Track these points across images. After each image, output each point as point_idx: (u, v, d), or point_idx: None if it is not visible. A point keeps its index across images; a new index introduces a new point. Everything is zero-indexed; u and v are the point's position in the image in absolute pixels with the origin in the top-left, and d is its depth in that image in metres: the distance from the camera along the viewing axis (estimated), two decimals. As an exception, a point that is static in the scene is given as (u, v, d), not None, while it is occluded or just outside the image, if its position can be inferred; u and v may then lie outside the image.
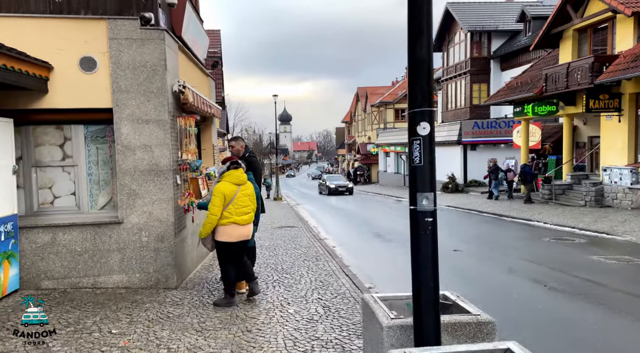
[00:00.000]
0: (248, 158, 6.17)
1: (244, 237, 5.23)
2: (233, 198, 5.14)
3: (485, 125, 25.84)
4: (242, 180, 5.27)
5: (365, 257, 8.96)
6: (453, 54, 32.68)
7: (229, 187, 5.17)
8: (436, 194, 2.37)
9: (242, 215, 5.18)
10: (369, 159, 48.38)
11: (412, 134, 2.45)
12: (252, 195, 5.36)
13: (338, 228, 13.84)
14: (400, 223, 14.45)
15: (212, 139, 9.17)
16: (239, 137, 6.58)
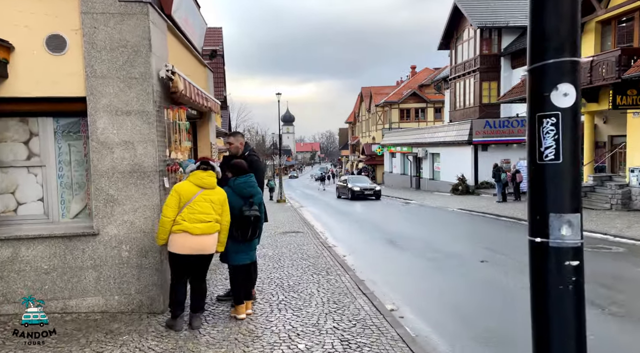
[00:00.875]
0: (248, 157, 5.23)
1: (197, 250, 4.29)
2: (190, 201, 4.27)
3: (497, 125, 24.83)
4: (206, 183, 4.39)
5: (380, 268, 7.99)
6: (462, 51, 31.71)
7: (188, 187, 4.34)
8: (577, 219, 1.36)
9: (197, 222, 4.26)
10: (373, 160, 47.41)
11: (538, 105, 1.43)
12: (220, 203, 4.45)
13: (346, 233, 12.88)
14: (411, 228, 13.49)
15: (209, 137, 8.22)
16: (239, 133, 5.64)
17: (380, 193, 25.94)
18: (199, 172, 4.39)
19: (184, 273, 4.42)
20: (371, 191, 25.52)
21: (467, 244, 10.15)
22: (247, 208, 4.64)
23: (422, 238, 11.05)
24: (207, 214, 4.30)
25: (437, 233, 12.06)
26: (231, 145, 5.29)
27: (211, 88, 8.83)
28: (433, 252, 9.17)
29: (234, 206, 4.66)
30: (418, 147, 31.96)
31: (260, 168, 5.31)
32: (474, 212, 16.91)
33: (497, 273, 7.34)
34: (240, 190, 4.70)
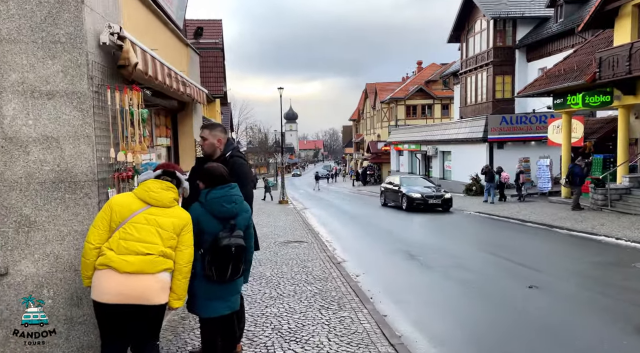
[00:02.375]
0: (229, 160, 3.72)
1: (128, 297, 2.75)
2: (127, 219, 2.78)
3: (515, 121, 23.20)
4: (155, 198, 2.89)
5: (404, 296, 6.44)
6: (473, 44, 30.10)
7: (127, 201, 2.87)
8: None
9: (128, 253, 2.74)
10: (379, 158, 45.83)
11: None
12: (173, 229, 2.91)
13: (356, 242, 11.34)
14: (430, 236, 11.94)
15: (193, 133, 6.71)
16: (217, 125, 4.06)
17: (451, 201, 17.63)
18: (151, 182, 2.89)
19: (114, 335, 2.85)
20: (438, 199, 17.27)
21: (501, 260, 8.59)
22: (225, 234, 3.12)
23: (446, 251, 9.51)
24: (148, 243, 2.77)
25: (462, 244, 10.51)
26: (205, 142, 3.78)
27: (195, 71, 7.29)
28: (463, 271, 7.62)
29: (207, 231, 3.15)
30: (427, 144, 30.36)
31: (245, 173, 3.77)
32: (494, 215, 15.34)
33: (560, 308, 5.77)
34: (216, 209, 3.18)
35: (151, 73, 3.95)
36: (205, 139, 3.77)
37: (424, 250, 9.69)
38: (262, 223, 14.57)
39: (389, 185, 20.22)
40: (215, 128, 3.85)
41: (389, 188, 20.06)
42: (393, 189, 19.37)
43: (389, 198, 19.89)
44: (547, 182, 20.20)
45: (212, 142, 3.75)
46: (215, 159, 3.68)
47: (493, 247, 9.91)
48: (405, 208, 17.74)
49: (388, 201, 20.04)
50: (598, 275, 7.31)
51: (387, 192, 20.27)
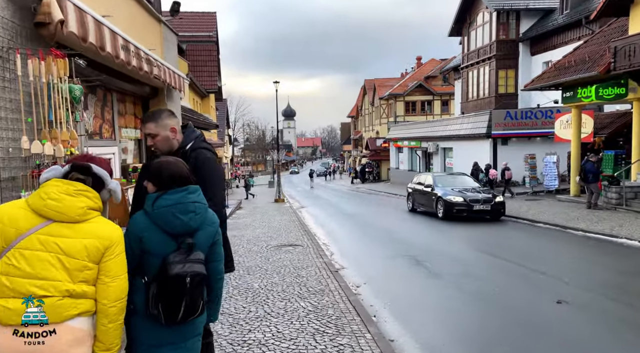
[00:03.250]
0: (191, 153, 2.81)
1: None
2: (12, 244, 1.84)
3: (520, 116, 22.32)
4: (59, 210, 1.93)
5: (413, 315, 5.55)
6: (475, 37, 29.21)
7: (16, 214, 1.91)
8: None
9: (13, 295, 1.82)
10: (378, 155, 44.94)
11: None
12: (88, 256, 1.96)
13: (355, 246, 10.46)
14: (435, 238, 11.04)
15: (167, 123, 5.80)
16: (161, 111, 2.92)
17: (504, 207, 13.46)
18: (51, 183, 1.98)
19: None
20: (486, 205, 13.19)
21: (517, 268, 7.71)
22: (178, 258, 2.21)
23: (455, 256, 8.62)
24: (44, 280, 1.84)
25: (471, 248, 9.63)
26: (155, 139, 2.77)
27: (171, 51, 6.36)
28: (476, 281, 6.74)
29: (153, 252, 2.24)
30: (428, 141, 29.48)
31: (216, 173, 2.85)
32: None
33: (602, 331, 4.91)
34: (167, 221, 2.26)
35: (93, 40, 3.04)
36: (153, 135, 2.78)
37: (427, 253, 8.82)
38: (255, 224, 13.68)
39: (419, 185, 16.05)
40: (160, 116, 2.82)
41: (418, 189, 16.01)
42: (424, 191, 15.33)
43: (419, 202, 15.87)
44: (554, 179, 19.37)
45: (165, 136, 2.78)
46: (173, 153, 2.77)
47: (504, 251, 9.03)
48: (441, 216, 13.67)
49: (417, 205, 16.05)
50: (627, 287, 6.43)
51: (415, 194, 16.20)
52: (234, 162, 63.76)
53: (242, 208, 19.80)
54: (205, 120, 16.83)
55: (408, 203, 16.99)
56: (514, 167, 21.94)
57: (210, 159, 2.82)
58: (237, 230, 12.27)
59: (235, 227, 12.96)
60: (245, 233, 11.66)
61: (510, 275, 7.14)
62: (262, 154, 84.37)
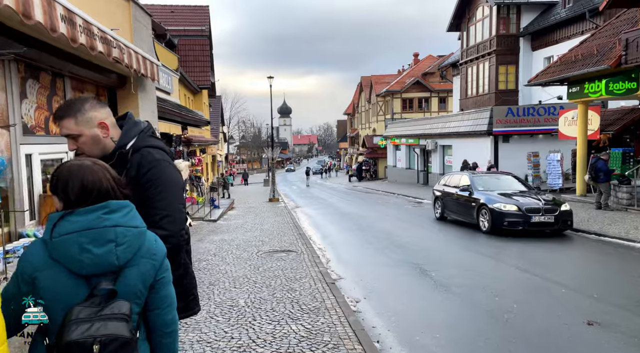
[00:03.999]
0: (132, 156, 2.02)
1: None
2: None
3: (522, 112, 21.65)
4: None
5: (422, 335, 4.83)
6: (475, 32, 28.54)
7: None
8: None
9: None
10: (375, 153, 44.25)
11: None
12: None
13: (354, 251, 9.72)
14: (436, 241, 10.31)
15: (137, 116, 5.03)
16: (87, 101, 1.99)
17: (571, 218, 10.43)
18: None
19: None
20: (549, 215, 10.12)
21: (533, 278, 7.00)
22: (83, 314, 1.43)
23: (464, 265, 7.90)
24: None
25: (479, 255, 8.91)
26: (78, 141, 1.94)
27: (145, 38, 5.58)
28: (491, 295, 6.01)
29: (53, 303, 1.49)
30: (426, 138, 28.80)
31: (169, 182, 2.01)
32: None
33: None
34: (70, 256, 1.48)
35: (11, 3, 2.27)
36: (74, 136, 1.93)
37: (430, 262, 8.08)
38: (246, 226, 12.92)
39: (452, 188, 12.75)
40: (81, 107, 1.93)
41: (449, 193, 12.76)
42: (459, 196, 12.08)
43: (452, 209, 12.73)
44: (558, 178, 18.72)
45: (91, 135, 1.94)
46: (109, 155, 1.99)
47: (514, 258, 8.31)
48: (487, 230, 10.60)
49: (449, 213, 12.93)
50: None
51: (446, 198, 13.00)
52: (228, 160, 62.94)
53: (234, 208, 19.04)
54: (194, 116, 16.02)
55: (435, 210, 13.72)
56: (516, 166, 21.26)
57: (160, 163, 2.01)
58: (227, 233, 11.51)
59: (226, 230, 12.21)
60: (235, 237, 10.90)
61: (526, 288, 6.42)
62: (258, 151, 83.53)
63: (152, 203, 1.88)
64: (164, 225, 1.87)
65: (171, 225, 1.91)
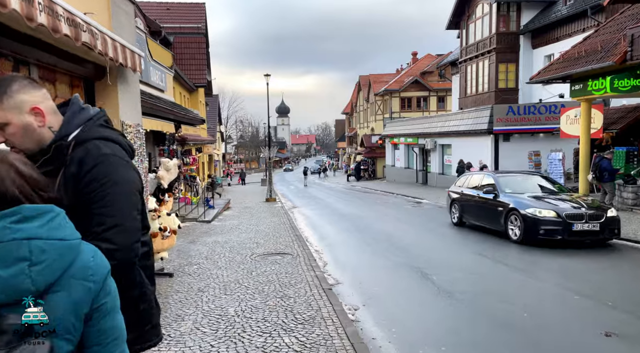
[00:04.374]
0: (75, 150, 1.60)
1: None
2: None
3: (523, 111, 21.32)
4: None
5: (427, 346, 4.46)
6: (474, 30, 28.22)
7: None
8: None
9: None
10: (374, 152, 43.93)
11: None
12: None
13: (351, 253, 9.34)
14: (437, 243, 9.91)
15: (118, 115, 4.64)
16: (15, 80, 1.52)
17: (618, 225, 8.98)
18: None
19: None
20: (594, 223, 8.65)
21: (542, 283, 6.64)
22: None
23: (468, 269, 7.52)
24: None
25: (483, 257, 8.54)
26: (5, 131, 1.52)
27: (128, 27, 5.18)
28: (499, 302, 5.64)
29: None
30: (425, 137, 28.46)
31: (119, 183, 1.59)
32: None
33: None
34: None
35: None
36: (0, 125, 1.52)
37: (432, 265, 7.72)
38: (242, 227, 12.53)
39: (471, 190, 11.17)
40: (9, 89, 1.51)
41: (469, 195, 11.15)
42: (482, 198, 10.49)
43: (472, 214, 11.13)
44: (560, 177, 18.38)
45: (22, 124, 1.53)
46: (44, 149, 1.59)
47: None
48: (518, 239, 9.02)
49: (468, 218, 11.34)
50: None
51: (464, 201, 11.45)
52: (226, 159, 62.50)
53: (230, 208, 18.64)
54: (188, 114, 15.63)
55: (452, 214, 12.08)
56: (516, 165, 20.93)
57: (109, 158, 1.60)
58: (221, 235, 11.12)
59: (220, 231, 11.81)
60: (229, 239, 10.51)
61: (536, 295, 6.05)
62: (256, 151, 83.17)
63: (96, 208, 1.49)
64: (110, 236, 1.48)
65: (120, 236, 1.51)
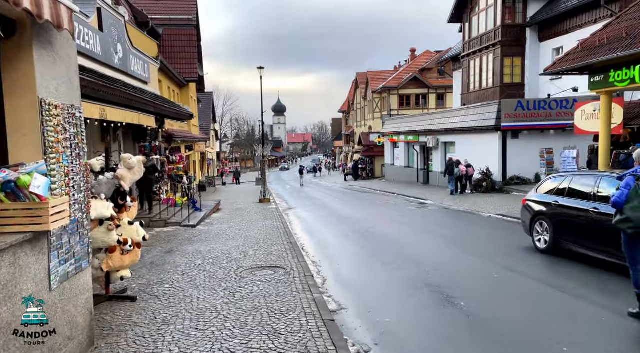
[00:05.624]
0: None
1: None
2: None
3: (533, 106, 20.05)
4: None
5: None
6: (477, 23, 26.97)
7: None
8: None
9: None
10: (372, 151, 42.64)
11: None
12: None
13: (355, 266, 8.01)
14: (446, 250, 8.52)
15: (35, 87, 3.29)
16: None
17: None
18: None
19: None
20: None
21: (576, 301, 5.33)
22: None
23: (481, 286, 6.21)
24: None
25: (506, 271, 7.22)
26: None
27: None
28: (554, 343, 4.34)
29: None
30: (427, 135, 27.17)
31: None
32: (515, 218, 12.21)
33: None
34: None
35: None
36: None
37: (453, 285, 6.40)
38: (229, 233, 11.16)
39: (571, 199, 7.65)
40: None
41: (574, 209, 7.48)
42: (595, 214, 6.91)
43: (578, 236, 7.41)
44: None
45: None
46: None
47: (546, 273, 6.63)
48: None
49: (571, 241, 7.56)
50: None
51: (562, 216, 7.75)
52: (221, 158, 61.03)
53: (221, 210, 17.28)
54: (172, 107, 14.24)
55: (536, 235, 8.36)
56: (525, 163, 19.76)
57: None
58: (205, 243, 9.74)
59: (205, 238, 10.44)
60: (214, 248, 9.16)
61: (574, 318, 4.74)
62: (251, 150, 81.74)
63: None
64: None
65: None
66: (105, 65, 11.24)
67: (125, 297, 5.63)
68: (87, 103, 7.25)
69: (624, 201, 4.78)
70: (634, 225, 4.66)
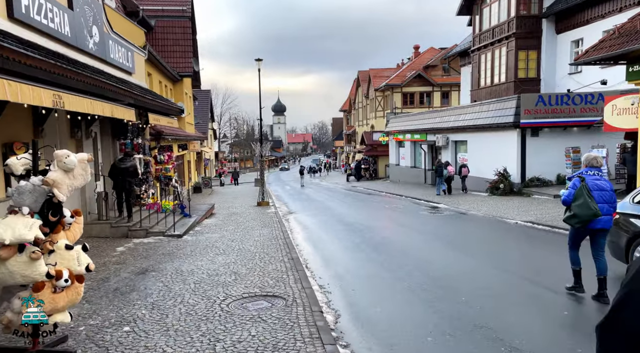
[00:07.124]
0: None
1: None
2: None
3: (555, 101, 18.42)
4: None
5: None
6: (489, 15, 25.36)
7: None
8: None
9: None
10: (375, 151, 41.02)
11: None
12: None
13: (373, 289, 6.37)
14: (490, 272, 6.55)
15: None
16: None
17: None
18: None
19: None
20: None
21: None
22: None
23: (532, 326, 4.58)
24: None
25: (555, 294, 5.59)
26: None
27: None
28: None
29: None
30: (436, 133, 25.56)
31: None
32: (547, 226, 10.66)
33: None
34: None
35: None
36: None
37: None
38: (220, 245, 9.50)
39: None
40: None
41: None
42: None
43: None
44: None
45: None
46: None
47: None
48: None
49: None
50: None
51: None
52: (219, 158, 59.40)
53: (214, 215, 15.64)
54: (157, 99, 12.58)
55: None
56: (547, 163, 18.15)
57: None
58: (189, 259, 8.08)
59: (190, 252, 8.78)
60: (198, 267, 7.51)
61: None
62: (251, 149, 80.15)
63: None
64: None
65: None
66: (76, 49, 9.63)
67: (61, 352, 4.01)
68: (31, 86, 5.63)
69: (571, 200, 5.45)
70: (579, 221, 5.35)
